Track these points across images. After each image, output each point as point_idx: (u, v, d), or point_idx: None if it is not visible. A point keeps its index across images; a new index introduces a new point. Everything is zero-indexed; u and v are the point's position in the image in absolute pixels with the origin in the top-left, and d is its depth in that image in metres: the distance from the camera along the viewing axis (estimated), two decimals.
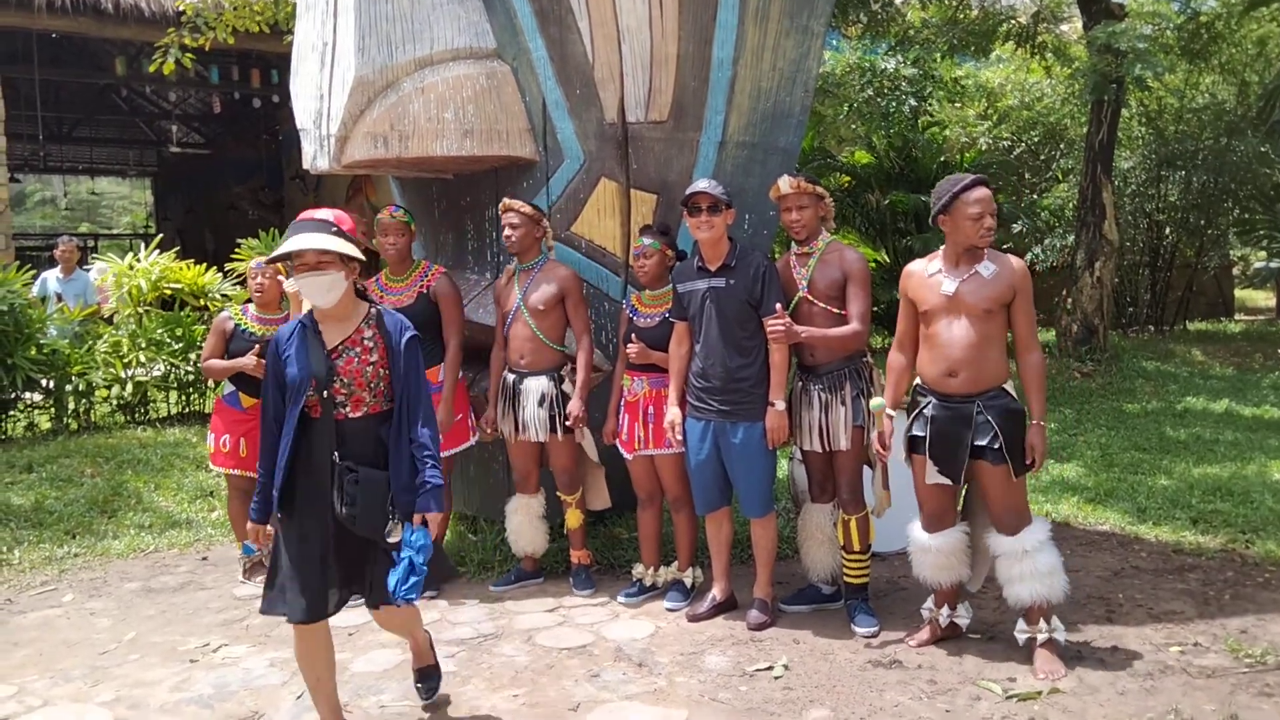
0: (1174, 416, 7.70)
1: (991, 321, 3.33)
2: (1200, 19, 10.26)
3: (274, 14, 8.41)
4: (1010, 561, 3.34)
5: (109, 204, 30.07)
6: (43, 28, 11.10)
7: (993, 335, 3.33)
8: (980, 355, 3.31)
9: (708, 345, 3.73)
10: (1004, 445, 3.28)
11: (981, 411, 3.31)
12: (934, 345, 3.39)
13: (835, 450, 3.74)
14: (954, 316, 3.35)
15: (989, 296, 3.31)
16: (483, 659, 3.54)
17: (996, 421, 3.29)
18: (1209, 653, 3.45)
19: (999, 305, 3.33)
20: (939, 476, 3.43)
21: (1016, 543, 3.33)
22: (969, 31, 10.21)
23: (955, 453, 3.36)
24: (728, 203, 3.68)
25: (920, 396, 3.47)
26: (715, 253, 3.73)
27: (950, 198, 3.34)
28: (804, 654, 3.52)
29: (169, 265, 7.74)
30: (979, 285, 3.33)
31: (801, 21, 4.22)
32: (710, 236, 3.68)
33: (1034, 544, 3.32)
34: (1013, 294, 3.33)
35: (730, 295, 3.69)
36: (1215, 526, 4.85)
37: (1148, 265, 13.05)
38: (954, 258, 3.39)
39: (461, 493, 4.80)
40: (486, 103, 4.08)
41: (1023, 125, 12.80)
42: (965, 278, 3.35)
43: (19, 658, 3.64)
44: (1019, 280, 3.34)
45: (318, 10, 4.15)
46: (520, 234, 4.01)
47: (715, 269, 3.73)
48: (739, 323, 3.69)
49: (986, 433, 3.29)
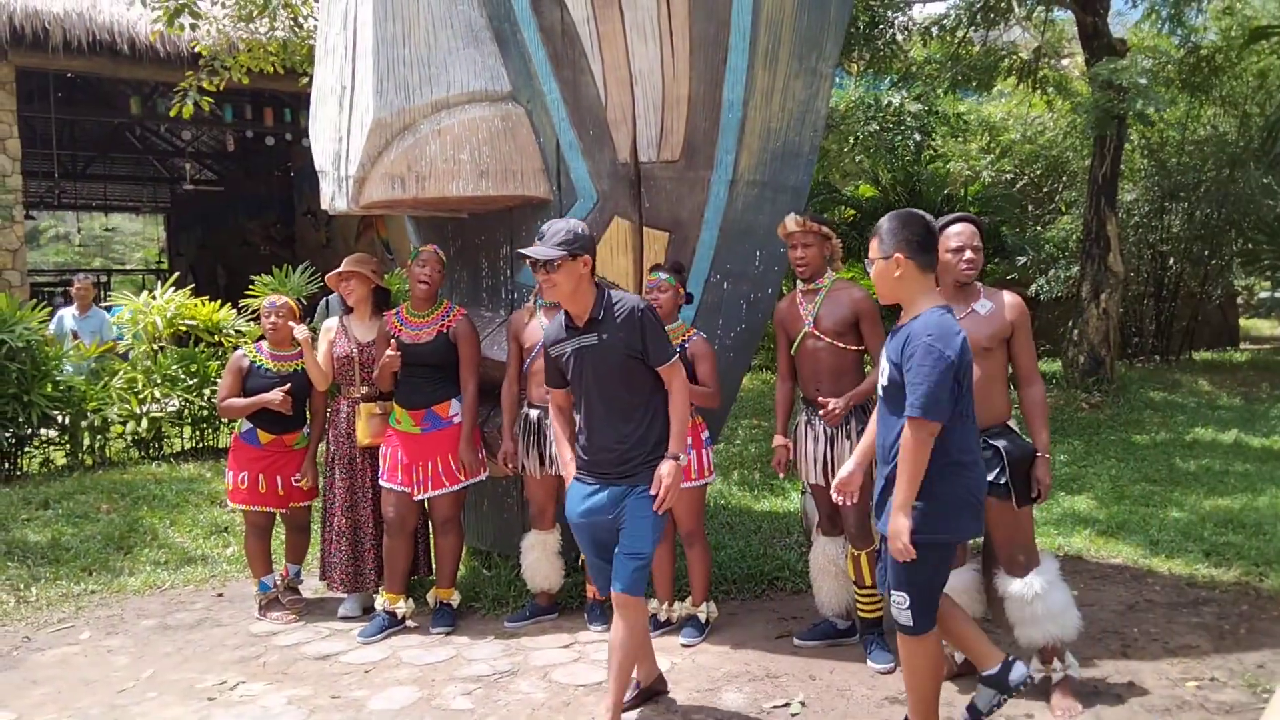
0: (1183, 447, 7.70)
1: (991, 359, 3.34)
2: (1200, 52, 10.39)
3: (286, 56, 8.57)
4: (1019, 604, 3.31)
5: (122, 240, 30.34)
6: (59, 68, 11.30)
7: (994, 373, 3.35)
8: (984, 393, 3.28)
9: (590, 414, 3.25)
10: (1009, 480, 3.28)
11: (986, 447, 3.30)
12: None
13: None
14: None
15: (987, 334, 3.33)
16: (499, 696, 3.55)
17: (1001, 458, 3.29)
18: (1226, 688, 3.44)
19: (997, 342, 3.35)
20: None
21: (1025, 586, 3.30)
22: (971, 67, 10.35)
23: None
24: (574, 250, 3.13)
25: None
26: (576, 308, 3.24)
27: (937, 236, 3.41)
28: (820, 690, 3.53)
29: (184, 302, 7.81)
30: (976, 324, 3.32)
31: (810, 64, 4.31)
32: (558, 294, 3.19)
33: (1043, 586, 3.29)
34: (1010, 329, 3.36)
35: (605, 352, 3.20)
36: (1228, 559, 4.85)
37: (1152, 296, 13.10)
38: (955, 295, 3.39)
39: (475, 528, 4.82)
40: (502, 144, 4.16)
41: (1025, 159, 12.93)
42: (962, 317, 3.31)
43: (37, 696, 3.66)
44: (1016, 315, 3.37)
45: (336, 55, 4.25)
46: None
47: (582, 325, 3.24)
48: (623, 383, 3.21)
49: (992, 468, 3.29)
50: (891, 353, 2.89)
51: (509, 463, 4.17)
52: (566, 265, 3.14)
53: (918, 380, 2.74)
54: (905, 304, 2.92)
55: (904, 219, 2.92)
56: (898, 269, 2.87)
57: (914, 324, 2.83)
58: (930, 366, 2.73)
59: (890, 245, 2.88)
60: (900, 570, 2.84)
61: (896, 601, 2.88)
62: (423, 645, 4.05)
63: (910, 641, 2.91)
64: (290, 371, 4.43)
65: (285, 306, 4.50)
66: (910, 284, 2.89)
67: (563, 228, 3.20)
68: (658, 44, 4.14)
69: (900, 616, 2.90)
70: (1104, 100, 8.17)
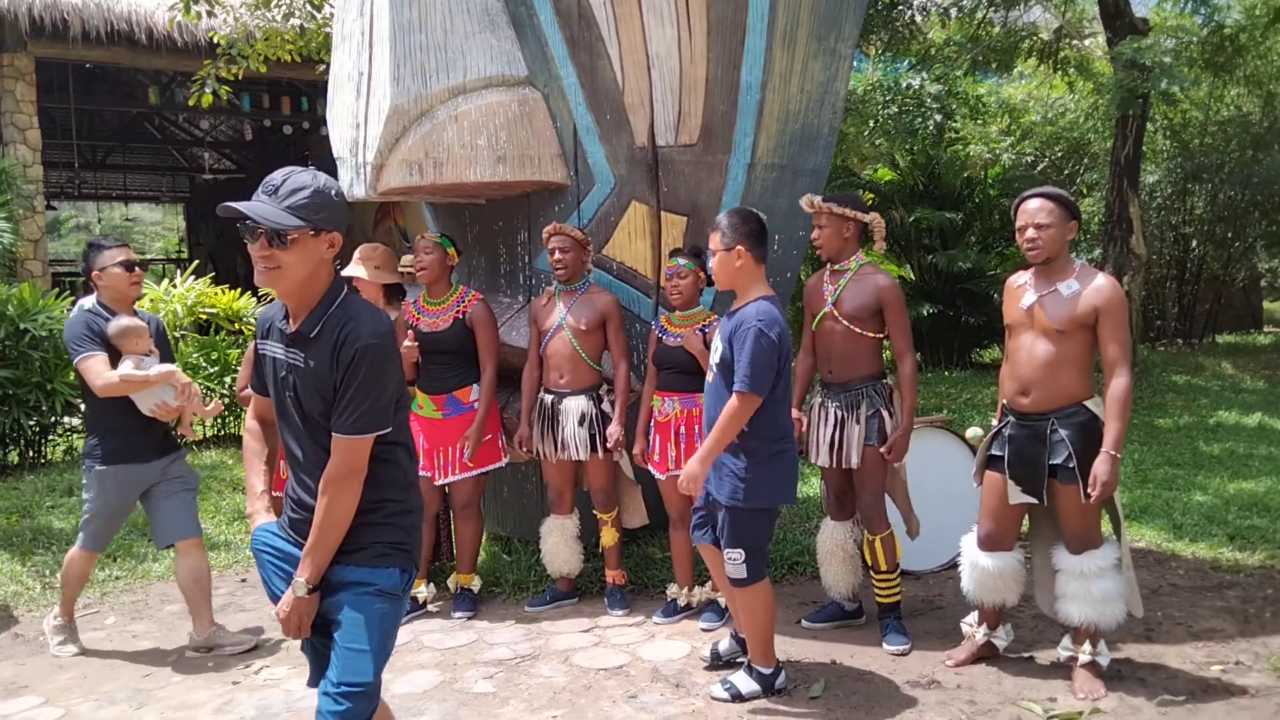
0: (1207, 431, 7.63)
1: (1068, 341, 3.23)
2: (1224, 31, 10.22)
3: (304, 45, 8.57)
4: (1068, 579, 3.31)
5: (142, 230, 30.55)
6: (78, 58, 11.36)
7: (1070, 356, 3.23)
8: (1052, 376, 3.24)
9: (289, 454, 2.33)
10: (1077, 464, 3.21)
11: (1056, 430, 3.25)
12: (1011, 362, 3.38)
13: (853, 469, 3.76)
14: (1031, 333, 3.31)
15: (1063, 317, 3.23)
16: (521, 680, 3.56)
17: (1071, 439, 3.22)
18: (1251, 672, 3.42)
19: (1076, 326, 3.21)
20: (1022, 496, 3.36)
21: (1078, 563, 3.28)
22: (991, 48, 10.23)
23: (1034, 472, 3.31)
24: (318, 223, 2.18)
25: (1003, 415, 3.45)
26: (296, 306, 2.25)
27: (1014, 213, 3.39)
28: (841, 674, 3.53)
29: (204, 290, 7.86)
30: (1055, 303, 3.25)
31: (829, 45, 4.27)
32: (279, 282, 2.20)
33: (1094, 569, 3.26)
34: (1095, 315, 3.20)
35: (307, 380, 2.23)
36: (1253, 543, 4.81)
37: (1175, 278, 12.96)
38: (1040, 272, 3.34)
39: (495, 514, 4.84)
40: (519, 129, 4.14)
41: (1046, 141, 12.78)
42: (1045, 294, 3.28)
43: (64, 680, 3.71)
44: (1103, 301, 3.19)
45: (353, 41, 4.24)
46: (570, 258, 4.07)
47: (293, 333, 2.25)
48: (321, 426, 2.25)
49: (1061, 451, 3.24)
50: (724, 334, 3.26)
51: (524, 446, 4.19)
52: (303, 242, 2.18)
53: (746, 360, 3.13)
54: (740, 291, 3.31)
55: (744, 215, 3.32)
56: (739, 260, 3.25)
57: (746, 310, 3.22)
58: (758, 348, 3.13)
59: (732, 238, 3.24)
60: (736, 530, 3.26)
61: (732, 558, 3.28)
62: (444, 629, 4.07)
63: (745, 592, 3.31)
64: None
65: None
66: (746, 273, 3.27)
67: (307, 184, 2.19)
68: (675, 26, 4.11)
69: (735, 571, 3.29)
70: (1127, 80, 8.05)
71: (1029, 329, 3.33)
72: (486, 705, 3.36)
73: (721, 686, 3.36)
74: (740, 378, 3.15)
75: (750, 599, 3.34)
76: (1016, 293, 3.39)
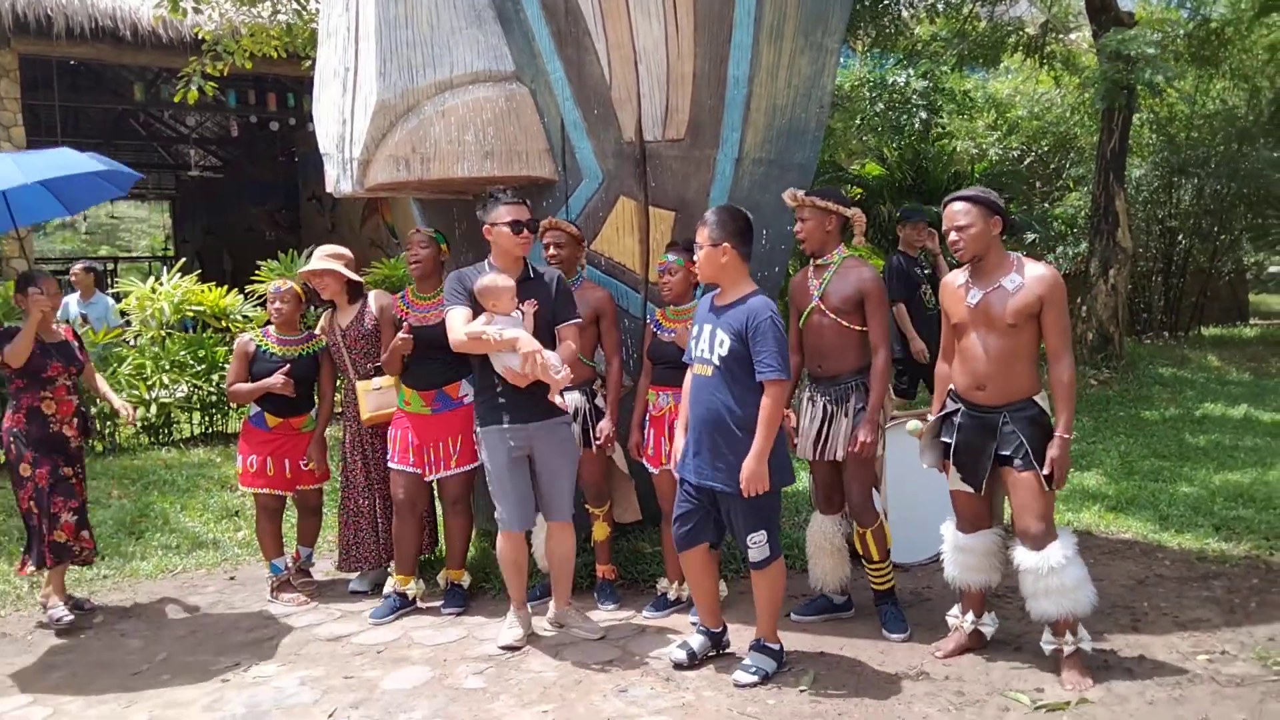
0: (1193, 423, 7.68)
1: (1018, 335, 3.30)
2: (1209, 25, 10.27)
3: (290, 40, 8.53)
4: (1034, 577, 3.32)
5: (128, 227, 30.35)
6: (62, 55, 11.26)
7: (1020, 348, 3.31)
8: (1006, 369, 3.31)
9: None
10: (1030, 453, 3.28)
11: (1008, 422, 3.32)
12: (963, 358, 3.42)
13: (841, 463, 3.78)
14: (980, 329, 3.36)
15: (1012, 310, 3.29)
16: (511, 675, 3.56)
17: (1022, 432, 3.30)
18: (1237, 661, 3.44)
19: (1023, 318, 3.29)
20: (961, 484, 3.48)
21: (1041, 559, 3.30)
22: (977, 43, 10.26)
23: (978, 461, 3.39)
24: None
25: (952, 402, 3.49)
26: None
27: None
28: (831, 667, 3.54)
29: (191, 288, 7.82)
30: (1001, 298, 3.31)
31: (816, 39, 4.27)
32: None
33: (1059, 561, 3.28)
34: (1040, 305, 3.27)
35: None
36: (1238, 533, 4.84)
37: (1161, 272, 13.04)
38: (978, 269, 3.39)
39: (485, 509, 4.83)
40: (506, 124, 4.14)
41: (1033, 135, 12.83)
42: (989, 290, 3.34)
43: (53, 679, 3.69)
44: (1046, 290, 3.27)
45: (339, 36, 4.23)
46: (565, 254, 4.08)
47: None
48: None
49: (1012, 443, 3.30)
50: (731, 326, 3.32)
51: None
52: None
53: (771, 348, 3.25)
54: (727, 286, 3.40)
55: (731, 213, 3.42)
56: (724, 256, 3.35)
57: (753, 302, 3.34)
58: (778, 335, 3.27)
59: (719, 234, 3.34)
60: (755, 514, 3.35)
61: (756, 541, 3.36)
62: (434, 626, 4.07)
63: (768, 571, 3.41)
64: (295, 356, 4.44)
65: (291, 291, 4.50)
66: (732, 269, 3.38)
67: None
68: (662, 21, 4.11)
69: (760, 553, 3.38)
70: (1112, 71, 8.10)
71: (975, 325, 3.37)
72: (477, 701, 3.36)
73: (747, 672, 3.40)
74: (771, 366, 3.26)
75: (772, 577, 3.44)
76: (958, 291, 3.44)
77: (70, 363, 4.32)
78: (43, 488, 4.18)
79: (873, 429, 3.70)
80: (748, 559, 3.42)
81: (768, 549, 3.38)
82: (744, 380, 3.31)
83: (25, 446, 4.19)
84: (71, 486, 4.26)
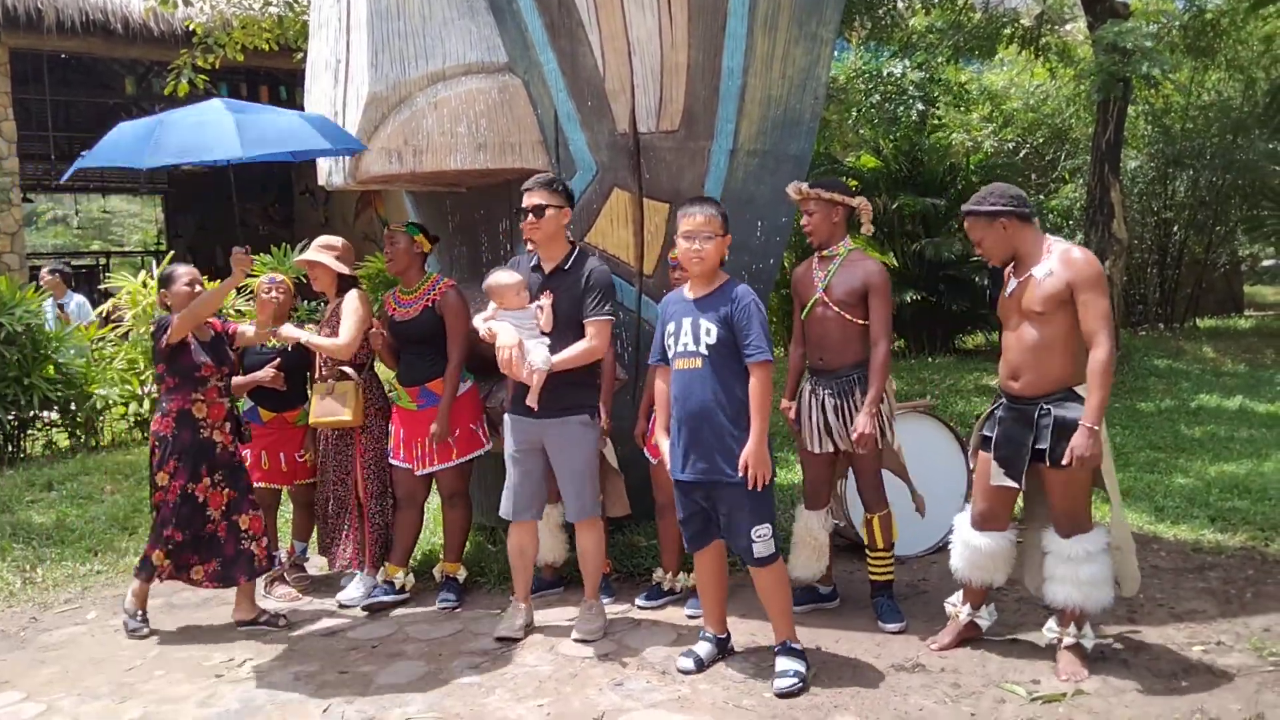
0: (1188, 414, 7.68)
1: (1050, 324, 3.24)
2: (1205, 16, 10.26)
3: (282, 32, 8.49)
4: (1056, 561, 3.32)
5: (120, 222, 30.20)
6: (53, 48, 11.22)
7: (1054, 338, 3.24)
8: (1039, 359, 3.26)
9: None
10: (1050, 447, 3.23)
11: (1045, 414, 3.27)
12: (1004, 348, 3.42)
13: (851, 453, 3.76)
14: (1015, 319, 3.34)
15: (1041, 298, 3.23)
16: (506, 669, 3.55)
17: (1057, 425, 3.23)
18: (1233, 652, 3.44)
19: (1054, 306, 3.22)
20: (1004, 479, 3.38)
21: (1067, 547, 3.29)
22: (973, 35, 10.23)
23: (1017, 455, 3.33)
24: None
25: (997, 398, 3.48)
26: None
27: None
28: (827, 659, 3.53)
29: None
30: (1031, 288, 3.27)
31: (810, 29, 4.25)
32: None
33: (1083, 553, 3.27)
34: (1069, 290, 3.19)
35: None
36: (1234, 525, 4.84)
37: (1156, 263, 13.03)
38: (1018, 262, 3.38)
39: (480, 503, 4.81)
40: (499, 116, 4.11)
41: (1028, 127, 12.83)
42: (1022, 279, 3.31)
43: (46, 675, 3.67)
44: (1076, 277, 3.19)
45: (331, 28, 4.20)
46: None
47: None
48: None
49: (1047, 436, 3.25)
50: (717, 315, 3.33)
51: None
52: None
53: (758, 330, 3.28)
54: (710, 276, 3.42)
55: (719, 203, 3.51)
56: (726, 245, 3.45)
57: (737, 290, 3.37)
58: (761, 319, 3.32)
59: (725, 227, 3.42)
60: (760, 505, 3.30)
61: (761, 534, 3.30)
62: (429, 620, 4.06)
63: (773, 569, 3.37)
64: (286, 349, 4.42)
65: (283, 284, 4.47)
66: (720, 259, 3.45)
67: None
68: (656, 11, 4.08)
69: (765, 548, 3.31)
70: (1108, 63, 8.08)
71: (1011, 315, 3.37)
72: (472, 695, 3.34)
73: (786, 678, 3.26)
74: (759, 348, 3.28)
75: (779, 574, 3.41)
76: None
77: (223, 362, 4.03)
78: (169, 502, 3.93)
79: (871, 420, 3.68)
80: (750, 556, 3.33)
81: (773, 543, 3.33)
82: (732, 367, 3.31)
83: (170, 454, 3.90)
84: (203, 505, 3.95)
